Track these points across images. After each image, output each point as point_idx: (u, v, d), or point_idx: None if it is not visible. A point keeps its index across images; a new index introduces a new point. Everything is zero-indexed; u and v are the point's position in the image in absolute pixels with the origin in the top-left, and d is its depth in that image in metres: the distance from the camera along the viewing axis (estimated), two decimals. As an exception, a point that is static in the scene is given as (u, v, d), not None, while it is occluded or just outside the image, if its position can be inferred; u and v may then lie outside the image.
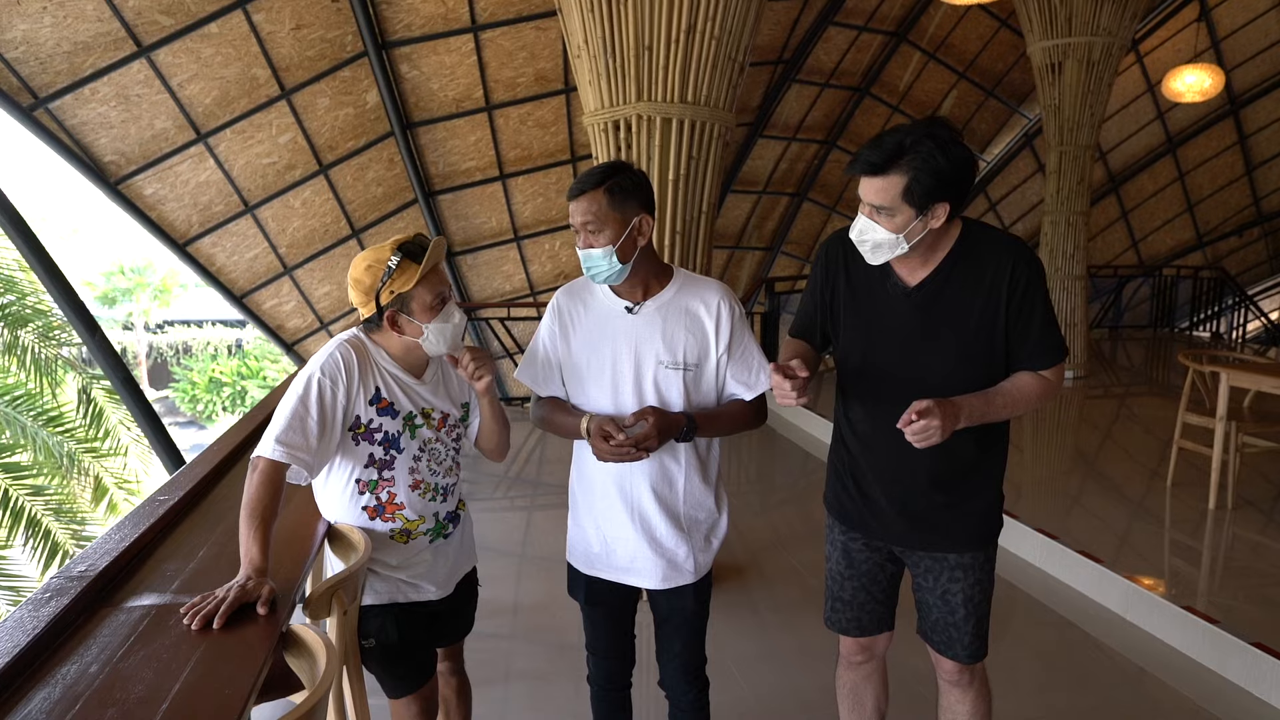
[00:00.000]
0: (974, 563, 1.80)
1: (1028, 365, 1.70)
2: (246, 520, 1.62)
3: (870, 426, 1.81)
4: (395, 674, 1.93)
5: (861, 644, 1.98)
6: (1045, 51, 7.04)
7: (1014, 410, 1.70)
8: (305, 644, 1.50)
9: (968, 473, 1.77)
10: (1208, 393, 4.49)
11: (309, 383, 1.73)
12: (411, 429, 1.83)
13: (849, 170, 1.65)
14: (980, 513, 1.80)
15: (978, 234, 1.70)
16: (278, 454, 1.66)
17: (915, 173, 1.55)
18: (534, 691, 2.88)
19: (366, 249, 1.80)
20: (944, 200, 1.58)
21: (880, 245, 1.63)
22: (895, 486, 1.79)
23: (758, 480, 5.73)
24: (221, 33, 6.37)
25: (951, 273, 1.68)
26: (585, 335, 1.85)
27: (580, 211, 1.73)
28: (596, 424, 1.74)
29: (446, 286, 1.81)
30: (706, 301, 1.83)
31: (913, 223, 1.59)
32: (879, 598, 1.93)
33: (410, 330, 1.79)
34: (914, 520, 1.80)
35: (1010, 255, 1.66)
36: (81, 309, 4.38)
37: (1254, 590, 3.37)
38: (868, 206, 1.62)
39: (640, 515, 1.84)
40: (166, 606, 1.60)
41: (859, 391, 1.84)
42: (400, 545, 1.87)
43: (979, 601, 1.82)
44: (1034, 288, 1.66)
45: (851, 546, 1.91)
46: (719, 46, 3.48)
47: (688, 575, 1.89)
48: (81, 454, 6.24)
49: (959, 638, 1.82)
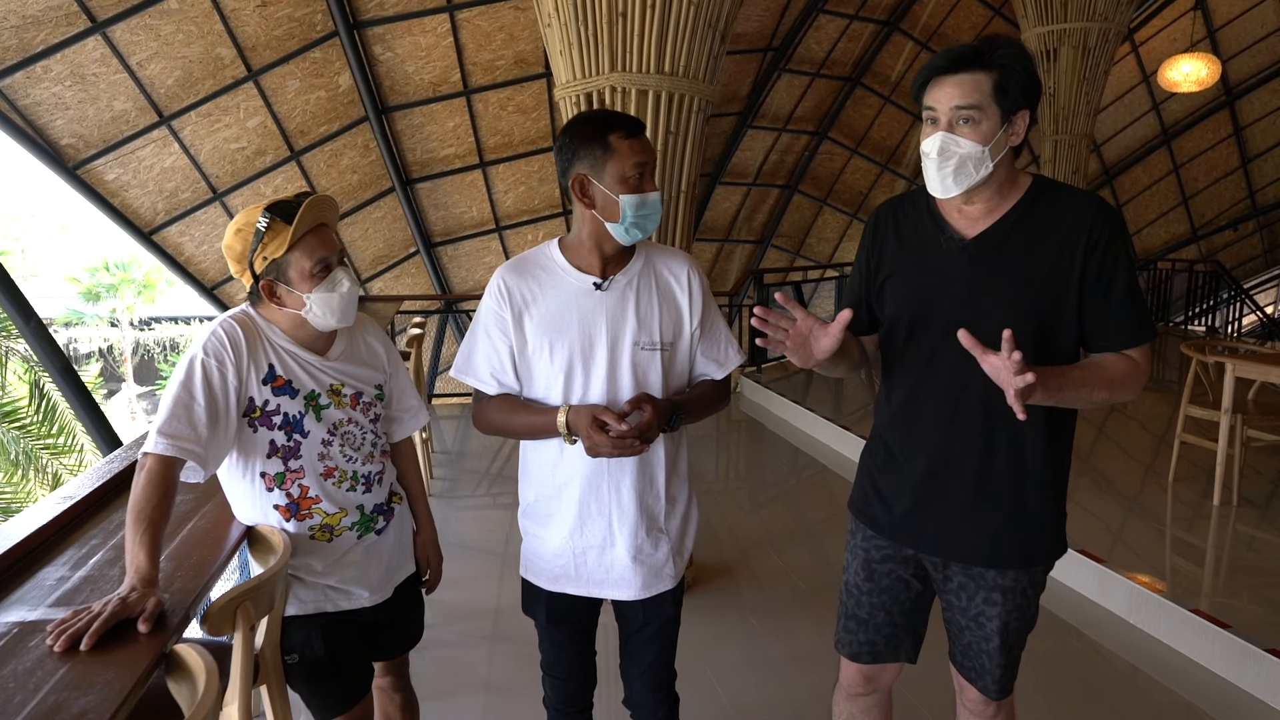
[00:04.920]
0: (1017, 585, 1.53)
1: (1108, 344, 1.45)
2: (132, 525, 1.41)
3: (910, 402, 1.56)
4: (322, 693, 1.72)
5: (866, 674, 1.71)
6: (1040, 38, 6.92)
7: (1093, 394, 1.41)
8: (187, 665, 1.27)
9: (1024, 470, 1.50)
10: (1211, 385, 4.34)
11: (191, 365, 1.51)
12: (316, 410, 1.61)
13: (925, 72, 1.43)
14: (1034, 523, 1.52)
15: (1051, 186, 1.48)
16: (162, 448, 1.45)
17: (1006, 68, 1.38)
18: (492, 707, 2.65)
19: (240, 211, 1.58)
20: (1027, 108, 1.40)
21: (964, 163, 1.40)
22: (934, 474, 1.53)
23: (747, 477, 5.55)
24: (182, 9, 6.11)
25: (1017, 224, 1.45)
26: (544, 318, 1.58)
27: (647, 150, 1.54)
28: (588, 416, 1.48)
29: (332, 251, 1.58)
30: (676, 273, 1.63)
31: (998, 133, 1.39)
32: (899, 620, 1.66)
33: (291, 301, 1.57)
34: (950, 521, 1.53)
35: (1090, 209, 1.43)
36: (17, 295, 4.14)
37: (1264, 592, 3.18)
38: (948, 115, 1.40)
39: (620, 520, 1.61)
40: (33, 623, 1.38)
41: (903, 364, 1.57)
42: (324, 545, 1.65)
43: (1015, 631, 1.57)
44: (1117, 248, 1.41)
45: (873, 556, 1.66)
46: (698, 12, 3.27)
47: (668, 580, 1.68)
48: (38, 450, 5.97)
49: (990, 668, 1.58)
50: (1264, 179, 12.28)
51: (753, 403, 6.92)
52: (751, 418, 6.57)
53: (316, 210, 1.55)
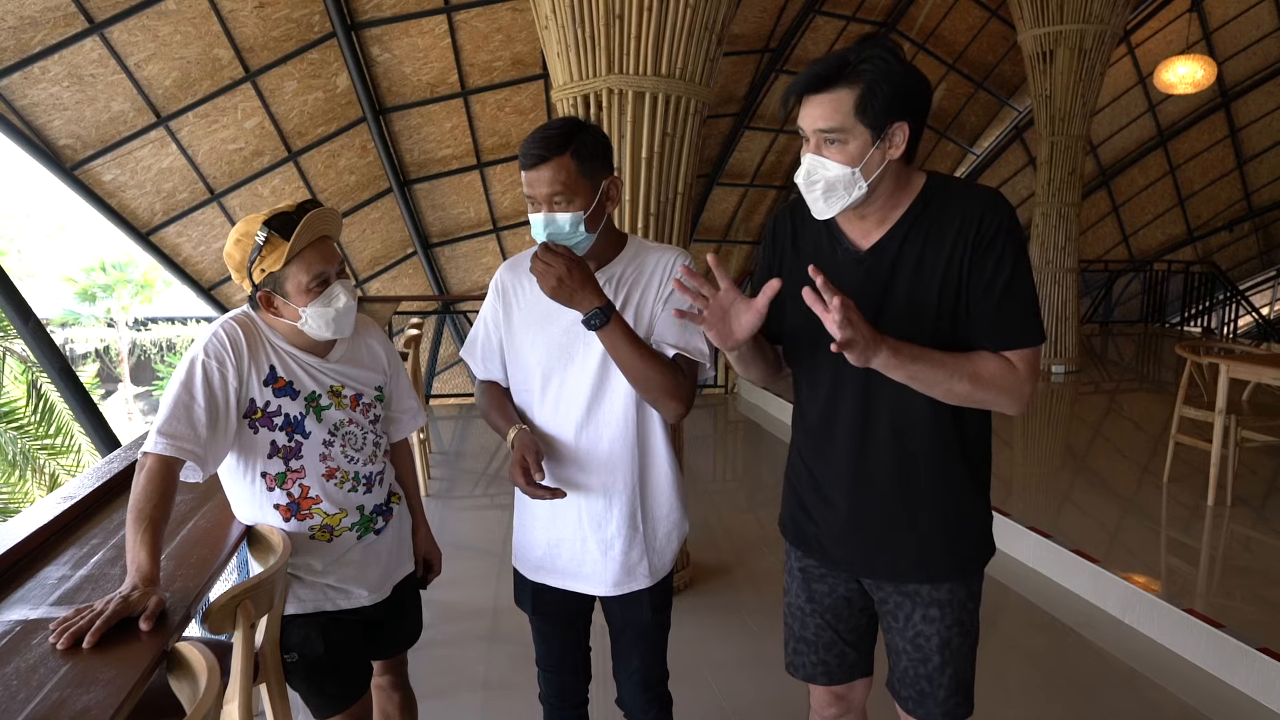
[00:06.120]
0: (952, 598, 1.45)
1: (985, 343, 1.34)
2: (132, 524, 1.41)
3: (821, 422, 1.49)
4: (321, 691, 1.72)
5: (835, 693, 1.63)
6: (1037, 39, 6.94)
7: (952, 380, 1.30)
8: (188, 663, 1.28)
9: (942, 479, 1.42)
10: (1206, 386, 4.36)
11: (192, 366, 1.51)
12: (317, 411, 1.61)
13: (788, 94, 1.33)
14: (959, 532, 1.45)
15: (944, 185, 1.37)
16: (161, 447, 1.45)
17: (869, 81, 1.26)
18: (490, 705, 2.66)
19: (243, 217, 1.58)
20: (903, 119, 1.29)
21: (833, 186, 1.31)
22: (852, 496, 1.46)
23: (744, 478, 5.56)
24: (180, 10, 6.10)
25: (911, 230, 1.36)
26: (529, 313, 1.64)
27: (545, 181, 1.47)
28: (522, 451, 1.53)
29: (331, 265, 1.57)
30: (663, 264, 1.63)
31: (869, 151, 1.29)
32: (848, 638, 1.58)
33: (287, 313, 1.57)
34: (876, 541, 1.46)
35: (979, 202, 1.33)
36: (15, 295, 4.14)
37: (1257, 591, 3.20)
38: (814, 138, 1.31)
39: (589, 513, 1.63)
40: (36, 621, 1.38)
41: (810, 382, 1.51)
42: (324, 545, 1.66)
43: (958, 647, 1.47)
44: (1004, 239, 1.31)
45: (811, 575, 1.58)
46: (694, 15, 3.28)
47: (642, 579, 1.67)
48: (35, 450, 5.96)
49: (932, 692, 1.47)
50: (1260, 180, 12.30)
51: (749, 403, 6.94)
52: (748, 418, 6.58)
53: (316, 225, 1.54)
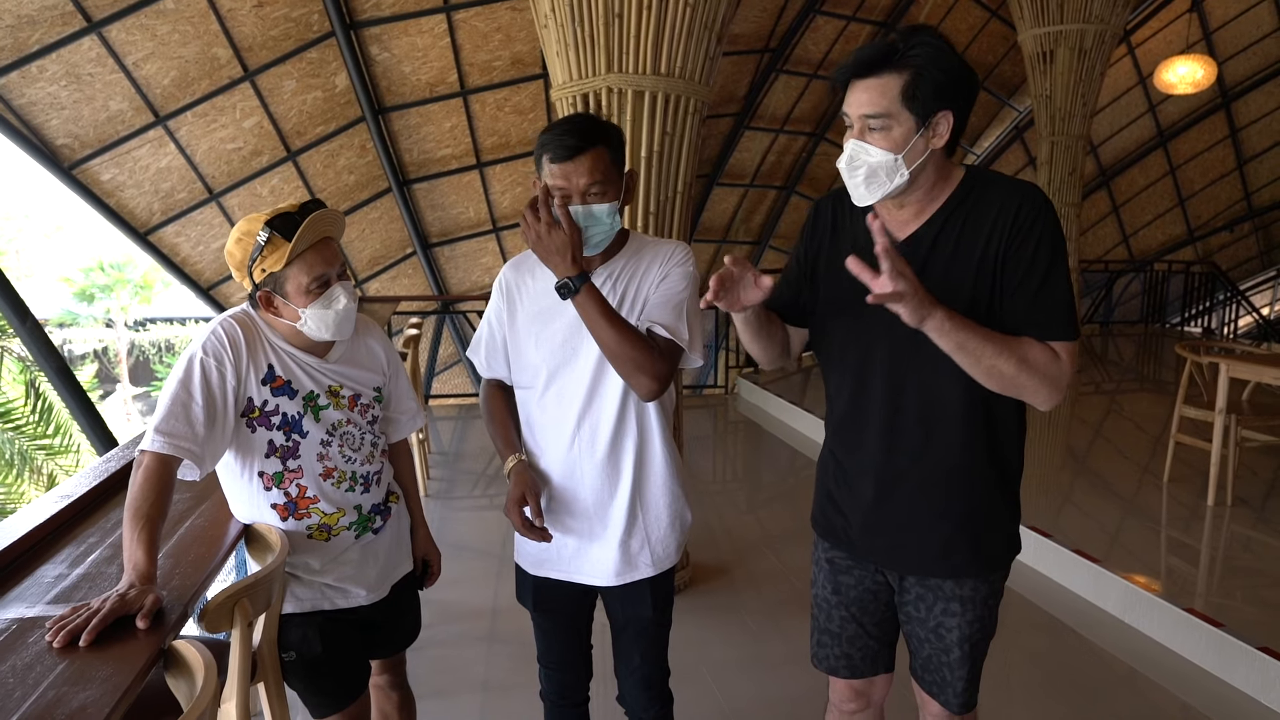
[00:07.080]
0: (975, 595, 1.47)
1: (1032, 329, 1.35)
2: (129, 522, 1.41)
3: (849, 412, 1.51)
4: (319, 690, 1.72)
5: (855, 688, 1.65)
6: (1037, 39, 6.92)
7: (999, 359, 1.30)
8: (185, 662, 1.27)
9: (969, 474, 1.43)
10: (1206, 386, 4.36)
11: (190, 364, 1.50)
12: (315, 410, 1.61)
13: (837, 77, 1.35)
14: (987, 529, 1.46)
15: (983, 178, 1.39)
16: (158, 445, 1.45)
17: (917, 67, 1.27)
18: (489, 705, 2.66)
19: (245, 216, 1.57)
20: (948, 108, 1.30)
21: (875, 172, 1.32)
22: (879, 486, 1.48)
23: (744, 478, 5.55)
24: (178, 9, 6.09)
25: (948, 222, 1.37)
26: (532, 310, 1.64)
27: (585, 171, 1.48)
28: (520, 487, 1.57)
29: (331, 267, 1.56)
30: (662, 255, 1.63)
31: (913, 138, 1.30)
32: (872, 631, 1.60)
33: (286, 314, 1.57)
34: (901, 532, 1.48)
35: (1017, 196, 1.34)
36: (13, 295, 4.13)
37: (1257, 591, 3.20)
38: (858, 123, 1.33)
39: (588, 499, 1.64)
40: (32, 619, 1.38)
41: (839, 372, 1.53)
42: (322, 544, 1.65)
43: (978, 642, 1.50)
44: (1040, 231, 1.32)
45: (838, 568, 1.61)
46: (694, 14, 3.27)
47: (644, 569, 1.67)
48: (33, 450, 5.95)
49: (952, 681, 1.52)
50: (1260, 180, 12.29)
51: (750, 404, 6.93)
52: (748, 419, 6.57)
53: (318, 227, 1.53)
